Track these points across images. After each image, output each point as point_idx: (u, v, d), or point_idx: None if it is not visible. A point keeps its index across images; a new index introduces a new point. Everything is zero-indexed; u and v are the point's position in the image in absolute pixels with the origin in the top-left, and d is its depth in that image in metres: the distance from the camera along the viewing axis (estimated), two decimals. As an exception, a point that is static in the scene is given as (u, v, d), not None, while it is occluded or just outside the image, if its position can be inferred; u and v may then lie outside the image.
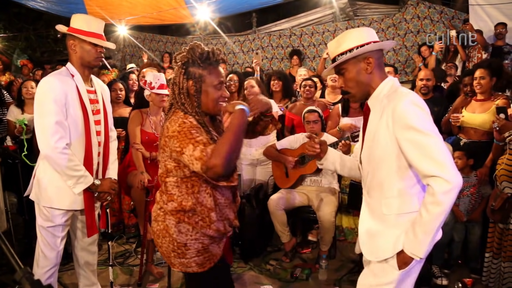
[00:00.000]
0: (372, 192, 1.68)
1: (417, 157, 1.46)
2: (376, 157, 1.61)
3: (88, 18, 2.33)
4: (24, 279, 0.73)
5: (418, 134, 1.45)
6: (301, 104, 4.08)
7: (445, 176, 1.41)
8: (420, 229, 1.48)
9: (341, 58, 1.64)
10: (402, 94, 1.54)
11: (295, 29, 7.73)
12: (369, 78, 1.64)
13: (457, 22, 6.38)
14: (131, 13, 6.59)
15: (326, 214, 3.32)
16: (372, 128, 1.64)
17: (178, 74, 1.66)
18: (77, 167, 2.22)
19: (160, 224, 1.70)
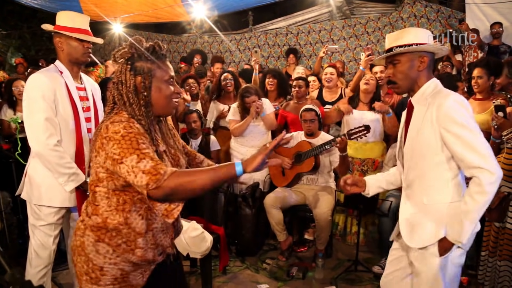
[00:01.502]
0: (413, 184, 1.82)
1: (462, 150, 1.61)
2: (419, 150, 1.76)
3: (72, 14, 2.30)
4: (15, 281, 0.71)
5: (463, 129, 1.60)
6: (294, 102, 4.07)
7: (490, 168, 1.56)
8: (466, 217, 1.62)
9: (399, 50, 1.76)
10: (448, 93, 1.70)
11: (292, 27, 7.72)
12: (418, 75, 1.78)
13: (453, 21, 6.39)
14: (126, 11, 6.54)
15: (322, 212, 3.31)
16: (416, 123, 1.77)
17: (123, 71, 1.45)
18: (69, 164, 2.19)
19: (77, 239, 1.47)
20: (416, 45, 1.74)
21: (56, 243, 2.38)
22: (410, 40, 1.75)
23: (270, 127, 3.89)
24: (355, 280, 3.19)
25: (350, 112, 3.60)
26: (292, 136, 3.59)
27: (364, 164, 3.66)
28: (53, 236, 2.34)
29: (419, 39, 1.75)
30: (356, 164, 3.66)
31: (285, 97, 4.39)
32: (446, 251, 1.71)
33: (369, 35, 7.08)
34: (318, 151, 3.39)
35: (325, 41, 7.29)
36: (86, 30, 2.29)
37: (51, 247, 2.34)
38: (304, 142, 3.52)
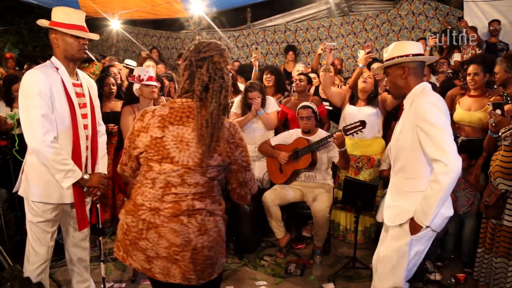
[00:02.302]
0: (398, 173, 2.10)
1: (426, 143, 1.86)
2: (401, 144, 2.04)
3: (68, 10, 2.27)
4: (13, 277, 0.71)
5: (430, 126, 1.85)
6: (295, 99, 4.07)
7: (445, 160, 1.78)
8: (425, 202, 1.87)
9: (386, 63, 2.11)
10: (425, 95, 1.97)
11: (290, 24, 7.71)
12: (404, 82, 2.07)
13: (451, 18, 6.40)
14: (124, 7, 6.51)
15: (320, 210, 3.32)
16: (401, 121, 2.06)
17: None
18: (65, 161, 2.18)
19: (212, 233, 1.61)
20: (397, 57, 2.05)
21: (54, 239, 2.38)
22: (394, 53, 2.08)
23: (269, 127, 3.86)
24: (353, 277, 3.20)
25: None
26: None
27: (359, 161, 3.66)
28: (51, 233, 2.34)
29: (402, 51, 2.05)
30: (351, 161, 3.67)
31: (282, 93, 4.39)
32: (416, 230, 1.95)
33: (368, 32, 7.08)
34: (315, 147, 3.40)
35: (323, 38, 7.28)
36: (82, 26, 2.27)
37: (48, 243, 2.34)
38: (301, 139, 3.53)
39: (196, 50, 1.59)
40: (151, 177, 1.58)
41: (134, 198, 1.64)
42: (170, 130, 1.55)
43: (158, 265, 1.58)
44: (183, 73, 1.62)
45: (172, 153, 1.54)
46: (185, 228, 1.56)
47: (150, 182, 1.59)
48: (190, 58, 1.60)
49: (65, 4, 6.57)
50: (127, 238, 1.60)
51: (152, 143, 1.56)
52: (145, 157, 1.59)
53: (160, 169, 1.56)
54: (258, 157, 3.86)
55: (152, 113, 1.60)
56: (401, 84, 2.08)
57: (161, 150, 1.55)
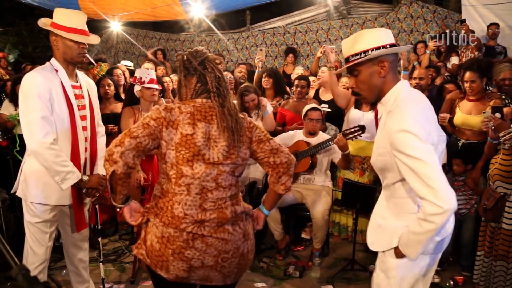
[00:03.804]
0: (385, 189, 1.76)
1: (410, 177, 1.48)
2: (382, 166, 1.66)
3: (69, 12, 2.27)
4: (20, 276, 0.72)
5: (409, 159, 1.46)
6: (293, 101, 4.09)
7: (437, 202, 1.42)
8: (412, 237, 1.55)
9: (355, 60, 1.59)
10: (399, 117, 1.51)
11: (289, 27, 7.73)
12: (382, 81, 1.61)
13: (450, 22, 6.43)
14: (124, 9, 6.53)
15: (319, 212, 3.33)
16: (378, 137, 1.67)
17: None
18: (65, 162, 2.18)
19: (252, 236, 1.75)
20: (372, 50, 1.56)
21: (52, 239, 2.38)
22: (365, 46, 1.57)
23: (270, 127, 3.87)
24: (352, 279, 3.21)
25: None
26: None
27: (364, 162, 3.69)
28: (49, 233, 2.34)
29: (375, 42, 1.57)
30: (357, 162, 3.69)
31: (282, 96, 4.40)
32: (400, 256, 1.63)
33: (367, 35, 7.09)
34: (314, 150, 3.41)
35: (322, 41, 7.31)
36: (83, 30, 2.26)
37: (47, 244, 2.34)
38: (301, 142, 3.54)
39: (191, 57, 1.67)
40: (185, 183, 1.57)
41: (171, 209, 1.58)
42: (200, 127, 1.58)
43: (199, 273, 1.61)
44: (189, 79, 1.67)
45: (202, 150, 1.57)
46: (232, 236, 1.62)
47: (185, 189, 1.58)
48: (190, 64, 1.66)
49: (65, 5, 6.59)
50: (170, 247, 1.57)
51: (183, 141, 1.56)
52: (175, 158, 1.56)
53: (193, 173, 1.56)
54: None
55: (179, 110, 1.59)
56: (379, 84, 1.61)
57: (192, 147, 1.56)
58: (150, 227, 1.63)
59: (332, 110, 4.11)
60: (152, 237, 1.61)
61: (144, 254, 1.66)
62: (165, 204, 1.61)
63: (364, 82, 1.63)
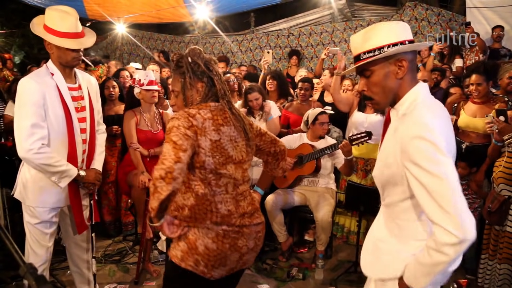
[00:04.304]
0: (386, 208, 1.50)
1: (421, 197, 1.24)
2: (387, 180, 1.41)
3: (61, 15, 2.17)
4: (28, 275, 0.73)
5: (423, 173, 1.22)
6: (297, 103, 4.10)
7: (452, 230, 1.18)
8: (419, 268, 1.30)
9: (368, 57, 1.34)
10: (415, 123, 1.27)
11: (293, 29, 7.74)
12: (398, 84, 1.35)
13: (454, 24, 6.42)
14: (129, 11, 6.58)
15: (323, 214, 3.33)
16: (385, 148, 1.42)
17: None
18: (58, 163, 2.17)
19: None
20: (389, 46, 1.31)
21: (52, 240, 2.37)
22: (381, 41, 1.32)
23: (274, 132, 3.87)
24: (355, 281, 3.21)
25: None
26: None
27: (367, 164, 3.68)
28: (49, 234, 2.33)
29: (392, 38, 1.31)
30: (360, 164, 3.69)
31: (286, 98, 4.41)
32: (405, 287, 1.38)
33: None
34: (320, 154, 3.41)
35: (326, 43, 7.32)
36: (75, 34, 2.18)
37: (47, 244, 2.33)
38: (306, 145, 3.54)
39: (196, 58, 1.69)
40: (224, 183, 1.67)
41: (216, 210, 1.65)
42: (223, 132, 1.66)
43: (245, 259, 1.76)
44: (197, 82, 1.69)
45: (230, 153, 1.67)
46: (260, 218, 1.81)
47: (224, 189, 1.68)
48: (198, 68, 1.69)
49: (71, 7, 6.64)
50: (227, 242, 1.67)
51: (214, 147, 1.62)
52: (213, 164, 1.61)
53: (229, 173, 1.67)
54: (259, 161, 3.87)
55: (201, 116, 1.62)
56: (394, 87, 1.35)
57: (223, 152, 1.64)
58: (197, 234, 1.65)
59: (336, 113, 4.12)
60: (204, 241, 1.65)
61: (194, 263, 1.65)
62: (206, 207, 1.66)
63: (377, 84, 1.37)
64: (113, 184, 3.92)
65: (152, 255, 3.44)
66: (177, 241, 1.68)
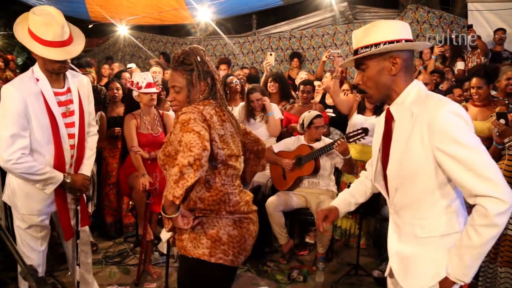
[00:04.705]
0: (402, 212, 1.48)
1: (463, 174, 1.27)
2: (409, 172, 1.40)
3: (46, 21, 2.03)
4: (29, 276, 0.74)
5: (463, 149, 1.26)
6: (299, 105, 4.11)
7: (500, 196, 1.22)
8: (469, 253, 1.29)
9: (364, 52, 1.41)
10: (439, 102, 1.34)
11: (295, 31, 7.76)
12: (392, 80, 1.42)
13: (456, 27, 6.42)
14: (131, 13, 6.61)
15: (324, 216, 3.32)
16: (400, 140, 1.42)
17: None
18: (41, 171, 2.11)
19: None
20: (384, 43, 1.37)
21: (45, 244, 2.34)
22: (377, 38, 1.39)
23: (274, 130, 3.88)
24: (356, 284, 3.20)
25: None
26: None
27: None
28: (40, 238, 2.29)
29: (389, 35, 1.38)
30: (359, 167, 3.69)
31: (287, 100, 4.42)
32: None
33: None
34: (318, 154, 3.42)
35: (328, 46, 7.32)
36: (62, 42, 2.06)
37: (39, 248, 2.30)
38: (304, 146, 3.55)
39: (203, 58, 1.77)
40: (231, 174, 1.76)
41: (228, 200, 1.74)
42: (226, 127, 1.75)
43: (252, 244, 1.87)
44: (201, 81, 1.75)
45: (232, 146, 1.76)
46: (255, 207, 1.91)
47: (231, 180, 1.77)
48: (204, 67, 1.76)
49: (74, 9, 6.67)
50: (244, 227, 1.79)
51: (221, 140, 1.72)
52: (224, 156, 1.72)
53: (234, 165, 1.77)
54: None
55: (208, 112, 1.71)
56: (388, 83, 1.42)
57: (228, 145, 1.74)
58: (218, 225, 1.72)
59: (336, 115, 4.13)
60: (226, 230, 1.73)
61: (224, 254, 1.71)
62: (220, 198, 1.72)
63: (371, 78, 1.44)
64: (114, 186, 3.93)
65: (152, 256, 3.44)
66: (198, 240, 1.69)
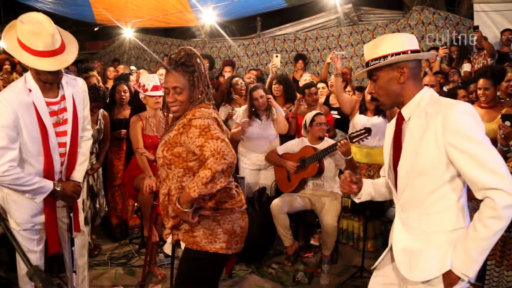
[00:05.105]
0: (409, 207, 1.58)
1: (473, 168, 1.37)
2: (419, 169, 1.51)
3: (35, 30, 1.95)
4: (35, 277, 0.75)
5: (475, 145, 1.37)
6: (304, 108, 4.11)
7: (508, 189, 1.31)
8: (475, 246, 1.37)
9: (374, 64, 1.58)
10: (452, 103, 1.47)
11: (300, 33, 7.75)
12: (401, 88, 1.57)
13: (461, 28, 6.38)
14: (137, 16, 6.66)
15: (328, 218, 3.33)
16: (414, 139, 1.53)
17: None
18: (28, 182, 2.07)
19: None
20: (392, 55, 1.54)
21: (41, 244, 2.31)
22: (385, 51, 1.56)
23: (283, 127, 3.87)
24: (361, 286, 3.19)
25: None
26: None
27: (370, 169, 3.67)
28: (36, 240, 2.27)
29: (396, 47, 1.55)
30: (363, 169, 3.68)
31: (292, 102, 4.42)
32: (452, 285, 1.46)
33: (377, 42, 7.07)
34: (322, 155, 3.42)
35: (332, 47, 7.31)
36: (53, 52, 1.99)
37: (35, 248, 2.27)
38: (308, 148, 3.55)
39: (200, 58, 1.84)
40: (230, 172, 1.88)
41: (233, 196, 1.90)
42: (223, 128, 1.86)
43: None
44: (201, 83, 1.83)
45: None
46: None
47: (231, 177, 1.86)
48: (204, 68, 1.84)
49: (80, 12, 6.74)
50: (246, 218, 1.97)
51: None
52: None
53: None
54: (265, 166, 3.88)
55: (217, 114, 1.86)
56: (397, 91, 1.57)
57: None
58: (232, 220, 1.88)
59: (342, 117, 4.12)
60: (238, 223, 1.90)
61: (235, 244, 1.90)
62: (227, 194, 1.88)
63: (382, 87, 1.60)
64: (120, 188, 3.95)
65: (158, 258, 3.45)
66: (214, 236, 1.83)
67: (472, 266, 1.39)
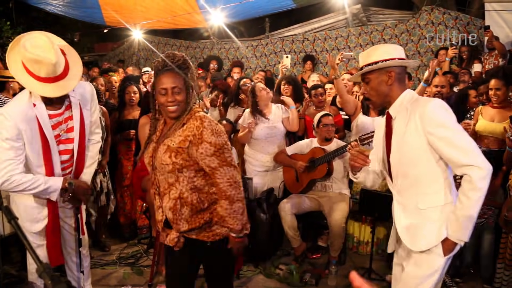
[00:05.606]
0: (404, 191, 1.87)
1: (448, 150, 1.66)
2: (409, 157, 1.80)
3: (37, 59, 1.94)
4: (44, 274, 0.76)
5: (445, 129, 1.67)
6: (313, 109, 4.10)
7: (478, 164, 1.61)
8: (463, 215, 1.67)
9: (367, 68, 1.87)
10: (427, 100, 1.78)
11: (308, 34, 7.74)
12: (389, 89, 1.86)
13: (472, 28, 6.31)
14: (145, 18, 6.71)
15: (336, 220, 3.31)
16: (399, 132, 1.83)
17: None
18: (34, 185, 2.08)
19: None
20: (382, 61, 1.84)
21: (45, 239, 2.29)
22: (377, 57, 1.86)
23: (296, 125, 3.86)
24: (369, 288, 3.17)
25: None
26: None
27: None
28: (40, 234, 2.27)
29: (385, 55, 1.85)
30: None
31: (301, 102, 4.41)
32: (450, 251, 1.76)
33: (386, 42, 7.04)
34: (331, 156, 3.41)
35: (341, 48, 7.28)
36: (55, 78, 2.01)
37: (42, 242, 2.27)
38: (318, 149, 3.54)
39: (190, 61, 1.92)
40: None
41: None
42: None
43: None
44: (197, 86, 1.95)
45: None
46: None
47: None
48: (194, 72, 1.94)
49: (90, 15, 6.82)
50: None
51: None
52: None
53: None
54: (274, 166, 3.87)
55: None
56: (385, 91, 1.87)
57: None
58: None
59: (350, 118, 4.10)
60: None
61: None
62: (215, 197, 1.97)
63: (373, 88, 1.89)
64: (129, 188, 3.98)
65: (166, 258, 3.47)
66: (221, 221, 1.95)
67: (464, 233, 1.69)
